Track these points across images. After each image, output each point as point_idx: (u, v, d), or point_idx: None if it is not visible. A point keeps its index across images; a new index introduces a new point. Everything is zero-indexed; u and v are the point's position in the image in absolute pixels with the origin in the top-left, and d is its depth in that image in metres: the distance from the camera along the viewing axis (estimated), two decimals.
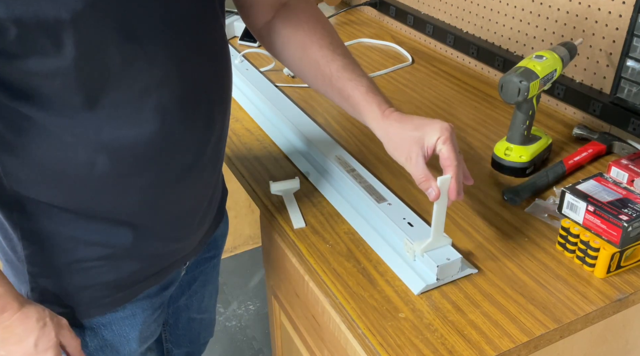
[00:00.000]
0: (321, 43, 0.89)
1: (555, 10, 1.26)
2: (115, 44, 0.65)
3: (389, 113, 0.85)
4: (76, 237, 0.78)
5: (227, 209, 1.08)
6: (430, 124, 0.82)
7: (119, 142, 0.71)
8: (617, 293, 0.83)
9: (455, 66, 1.54)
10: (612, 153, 1.14)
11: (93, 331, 0.87)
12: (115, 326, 0.88)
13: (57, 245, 0.78)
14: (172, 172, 0.78)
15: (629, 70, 1.10)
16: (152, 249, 0.84)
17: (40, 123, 0.68)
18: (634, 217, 0.82)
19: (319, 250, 0.92)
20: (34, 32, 0.60)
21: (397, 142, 0.85)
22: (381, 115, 0.85)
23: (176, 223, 0.85)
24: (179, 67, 0.73)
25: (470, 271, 0.86)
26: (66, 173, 0.72)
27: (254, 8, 0.93)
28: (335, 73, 0.88)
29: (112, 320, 0.88)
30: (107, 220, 0.78)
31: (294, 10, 0.92)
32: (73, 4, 0.60)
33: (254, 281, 2.25)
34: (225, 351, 1.98)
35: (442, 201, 0.81)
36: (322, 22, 0.93)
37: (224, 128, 0.87)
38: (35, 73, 0.63)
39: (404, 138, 0.83)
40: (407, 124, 0.83)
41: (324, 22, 0.93)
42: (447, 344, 0.76)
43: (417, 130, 0.82)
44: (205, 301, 1.16)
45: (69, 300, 0.82)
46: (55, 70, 0.63)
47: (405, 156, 0.84)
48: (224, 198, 1.05)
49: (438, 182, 0.79)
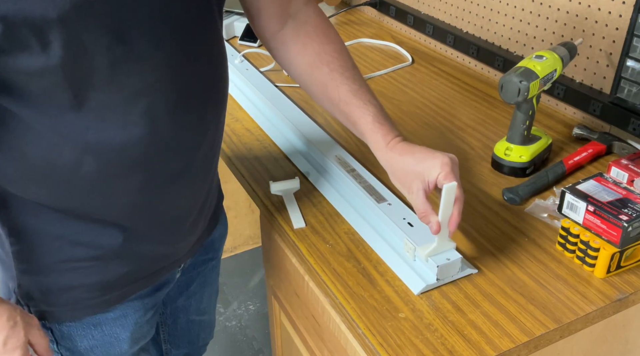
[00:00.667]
0: (331, 66, 0.89)
1: (555, 10, 1.26)
2: (104, 45, 0.65)
3: (393, 145, 0.85)
4: (63, 236, 0.78)
5: (227, 209, 1.08)
6: (431, 159, 0.82)
7: (106, 144, 0.70)
8: (617, 293, 0.83)
9: (455, 66, 1.54)
10: (612, 153, 1.14)
11: (83, 331, 0.87)
12: (105, 326, 0.88)
13: (44, 244, 0.78)
14: (161, 176, 0.78)
15: (629, 70, 1.10)
16: (141, 251, 0.84)
17: (27, 121, 0.68)
18: (634, 217, 0.82)
19: (319, 250, 0.92)
20: (20, 30, 0.60)
21: (399, 176, 0.86)
22: (385, 147, 0.86)
23: (166, 227, 0.85)
24: (171, 72, 0.72)
25: (470, 272, 0.86)
26: (53, 173, 0.72)
27: (261, 18, 0.91)
28: (343, 98, 0.88)
29: (102, 320, 0.87)
30: (95, 220, 0.78)
31: (305, 25, 0.91)
32: (61, 3, 0.60)
33: (254, 281, 2.25)
34: (225, 351, 1.98)
35: (447, 207, 0.81)
36: (333, 41, 0.91)
37: (218, 134, 0.86)
38: (22, 70, 0.63)
39: (406, 172, 0.84)
40: (409, 158, 0.83)
41: (335, 42, 0.91)
42: (447, 344, 0.76)
43: (418, 165, 0.82)
44: (204, 303, 1.15)
45: (56, 299, 0.82)
46: (42, 69, 0.63)
47: (407, 189, 0.85)
48: (219, 203, 1.05)
49: (444, 189, 0.79)
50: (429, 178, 0.81)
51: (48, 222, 0.77)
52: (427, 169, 0.81)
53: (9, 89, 0.65)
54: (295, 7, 0.91)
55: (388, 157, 0.86)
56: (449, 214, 0.82)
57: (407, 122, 1.27)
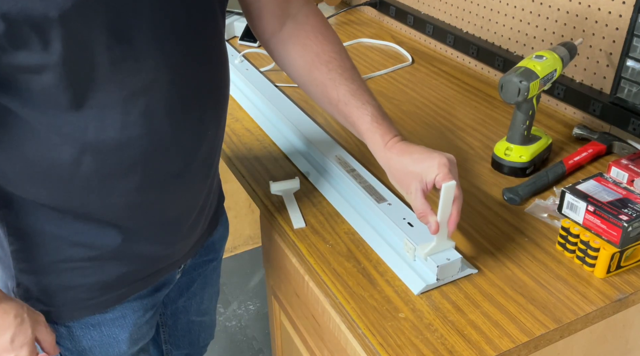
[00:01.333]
0: (330, 66, 0.89)
1: (555, 10, 1.26)
2: (104, 44, 0.65)
3: (391, 145, 0.85)
4: (62, 236, 0.78)
5: (227, 209, 1.08)
6: (429, 160, 0.82)
7: (105, 143, 0.70)
8: (617, 293, 0.83)
9: (455, 66, 1.54)
10: (612, 153, 1.14)
11: (82, 331, 0.87)
12: (104, 327, 0.88)
13: (43, 244, 0.78)
14: (160, 176, 0.78)
15: (629, 70, 1.10)
16: (139, 252, 0.84)
17: (26, 120, 0.68)
18: (634, 217, 0.82)
19: (319, 250, 0.92)
20: (21, 28, 0.60)
21: (397, 176, 0.86)
22: (383, 147, 0.86)
23: (165, 228, 0.85)
24: (171, 72, 0.72)
25: (470, 272, 0.86)
26: (51, 172, 0.72)
27: (262, 19, 0.91)
28: (342, 98, 0.88)
29: (101, 321, 0.87)
30: (94, 220, 0.78)
31: (304, 26, 0.91)
32: (62, 2, 0.60)
33: (254, 281, 2.25)
34: (225, 351, 1.98)
35: (447, 207, 0.81)
36: (332, 42, 0.91)
37: (218, 136, 0.86)
38: (22, 69, 0.63)
39: (404, 172, 0.84)
40: (407, 158, 0.84)
41: (334, 42, 0.91)
42: (447, 344, 0.76)
43: (416, 165, 0.83)
44: (204, 304, 1.15)
45: (54, 299, 0.82)
46: (42, 67, 0.63)
47: (405, 189, 0.85)
48: (220, 204, 1.04)
49: (443, 188, 0.79)
50: (427, 179, 0.81)
51: (47, 221, 0.77)
52: (426, 170, 0.81)
53: (8, 87, 0.65)
54: (295, 7, 0.91)
55: (386, 157, 0.86)
56: (448, 213, 0.82)
57: (407, 122, 1.27)
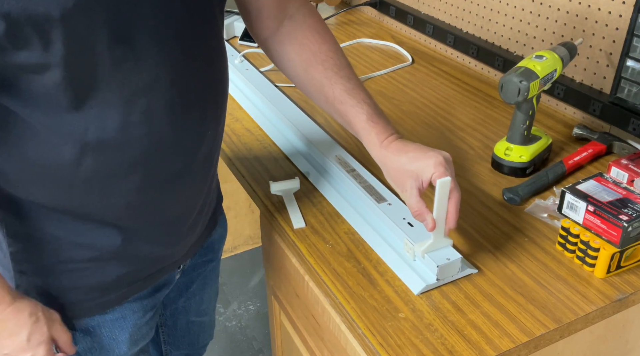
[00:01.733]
0: (326, 65, 0.89)
1: (555, 10, 1.26)
2: (105, 44, 0.65)
3: (387, 144, 0.85)
4: (61, 237, 0.78)
5: (227, 209, 1.08)
6: (425, 158, 0.82)
7: (106, 143, 0.70)
8: (617, 293, 0.83)
9: (455, 66, 1.54)
10: (612, 153, 1.14)
11: (81, 332, 0.87)
12: (104, 328, 0.88)
13: (42, 245, 0.78)
14: (161, 176, 0.78)
15: (629, 70, 1.10)
16: (139, 253, 0.84)
17: (27, 120, 0.68)
18: (634, 217, 0.82)
19: (319, 250, 0.91)
20: (23, 28, 0.60)
21: (393, 174, 0.86)
22: (379, 145, 0.86)
23: (164, 229, 0.85)
24: (171, 72, 0.72)
25: (470, 272, 0.86)
26: (51, 172, 0.72)
27: (259, 19, 0.92)
28: (338, 97, 0.88)
29: (101, 322, 0.87)
30: (93, 221, 0.77)
31: (301, 25, 0.91)
32: (63, 2, 0.60)
33: (254, 281, 2.25)
34: (225, 351, 1.98)
35: (442, 203, 0.81)
36: (328, 41, 0.92)
37: (218, 136, 0.86)
38: (23, 68, 0.63)
39: (400, 171, 0.84)
40: (403, 157, 0.84)
41: (330, 41, 0.92)
42: (447, 344, 0.76)
43: (412, 164, 0.82)
44: (204, 304, 1.15)
45: (53, 300, 0.82)
46: (43, 67, 0.63)
47: (400, 188, 0.85)
48: (218, 204, 1.04)
49: (438, 184, 0.79)
50: (423, 177, 0.81)
51: (46, 222, 0.76)
52: (421, 169, 0.81)
53: (9, 87, 0.65)
54: (293, 7, 0.91)
55: (382, 156, 0.86)
56: (444, 210, 0.82)
57: (407, 122, 1.27)
